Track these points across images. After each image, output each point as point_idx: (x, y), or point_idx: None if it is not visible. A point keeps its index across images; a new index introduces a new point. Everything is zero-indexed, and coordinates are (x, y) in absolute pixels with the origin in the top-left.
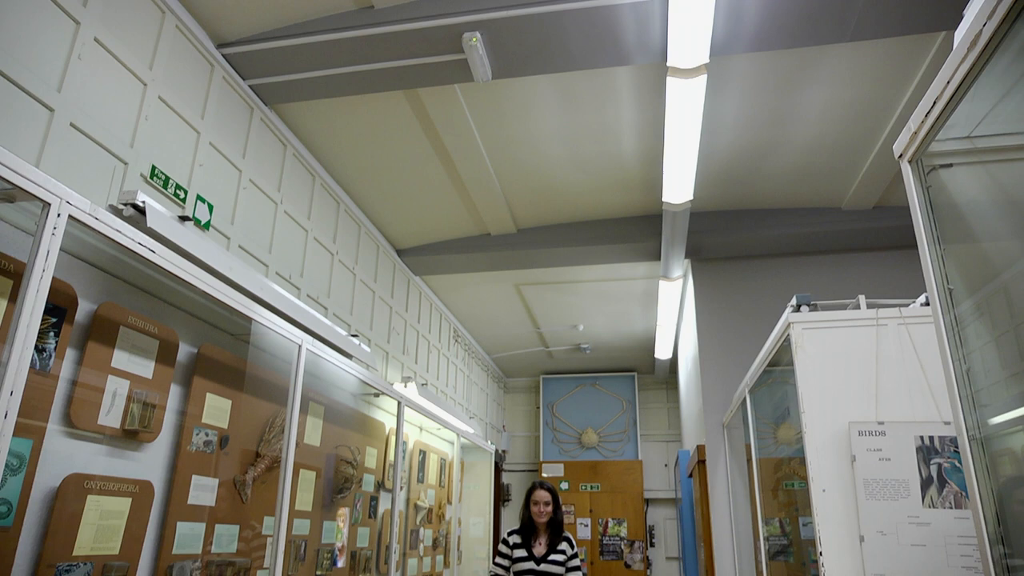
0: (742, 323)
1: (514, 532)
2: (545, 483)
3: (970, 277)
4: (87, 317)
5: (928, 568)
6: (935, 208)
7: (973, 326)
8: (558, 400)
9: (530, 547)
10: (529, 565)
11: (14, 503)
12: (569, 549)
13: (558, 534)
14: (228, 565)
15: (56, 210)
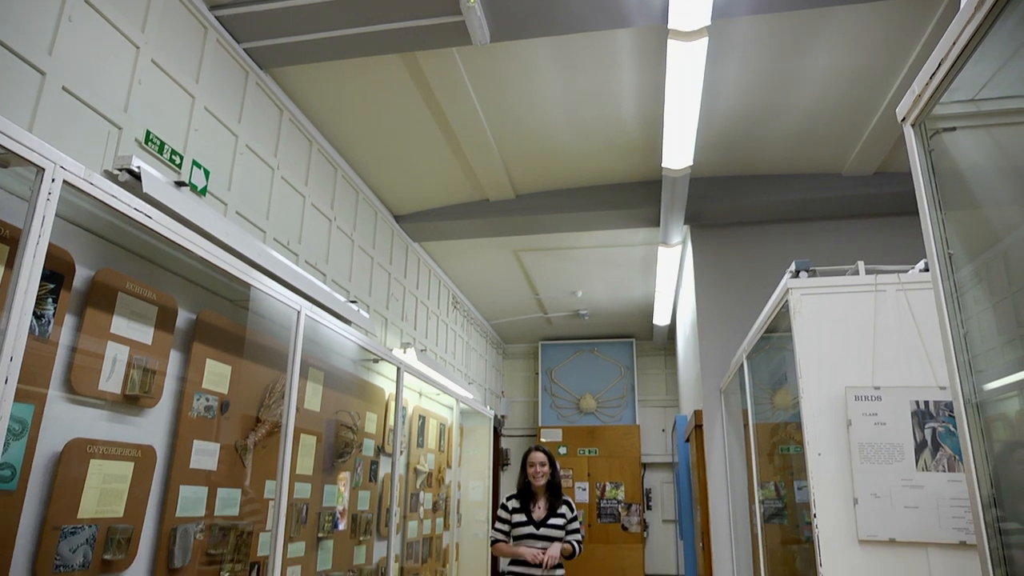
0: (741, 289)
1: (512, 497)
2: (541, 446)
3: (970, 243)
4: (85, 283)
5: (920, 529)
6: (937, 173)
7: (971, 292)
8: (557, 366)
9: (529, 511)
10: (529, 530)
11: (18, 467)
12: (569, 512)
13: (557, 497)
14: (231, 528)
15: (50, 175)
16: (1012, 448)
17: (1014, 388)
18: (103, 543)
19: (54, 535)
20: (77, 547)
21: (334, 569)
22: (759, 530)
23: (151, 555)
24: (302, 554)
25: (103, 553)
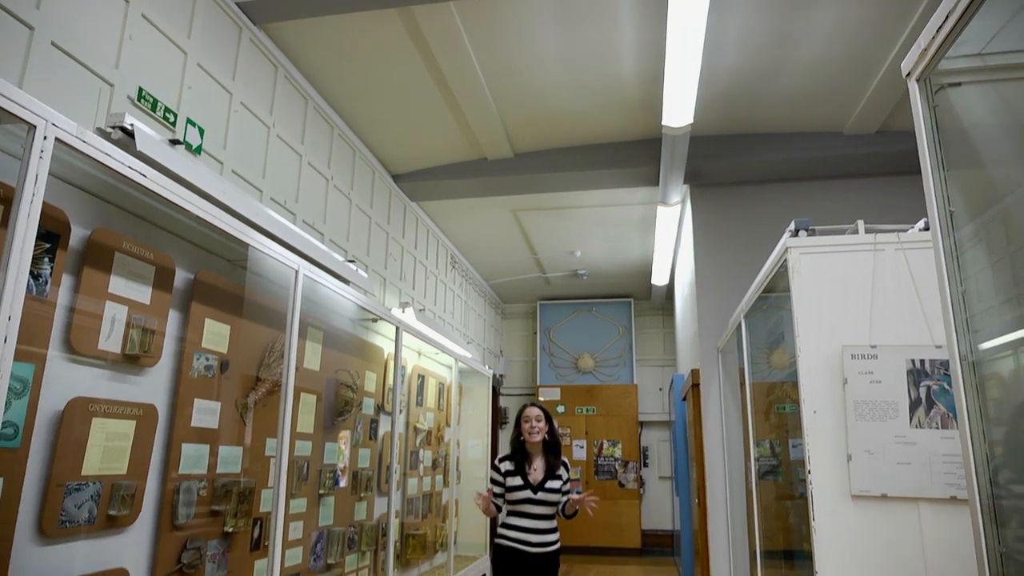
0: (739, 249)
1: (504, 459)
2: (537, 403)
3: (971, 201)
4: (81, 243)
5: (911, 484)
6: (940, 130)
7: (970, 252)
8: (555, 325)
9: (524, 473)
10: (525, 494)
11: (20, 425)
12: (566, 473)
13: (556, 456)
14: (233, 484)
15: (42, 132)
16: (1005, 406)
17: (1009, 347)
18: (107, 499)
19: (59, 492)
20: (82, 503)
21: (335, 524)
22: (754, 487)
23: (155, 511)
24: (304, 510)
25: (107, 509)
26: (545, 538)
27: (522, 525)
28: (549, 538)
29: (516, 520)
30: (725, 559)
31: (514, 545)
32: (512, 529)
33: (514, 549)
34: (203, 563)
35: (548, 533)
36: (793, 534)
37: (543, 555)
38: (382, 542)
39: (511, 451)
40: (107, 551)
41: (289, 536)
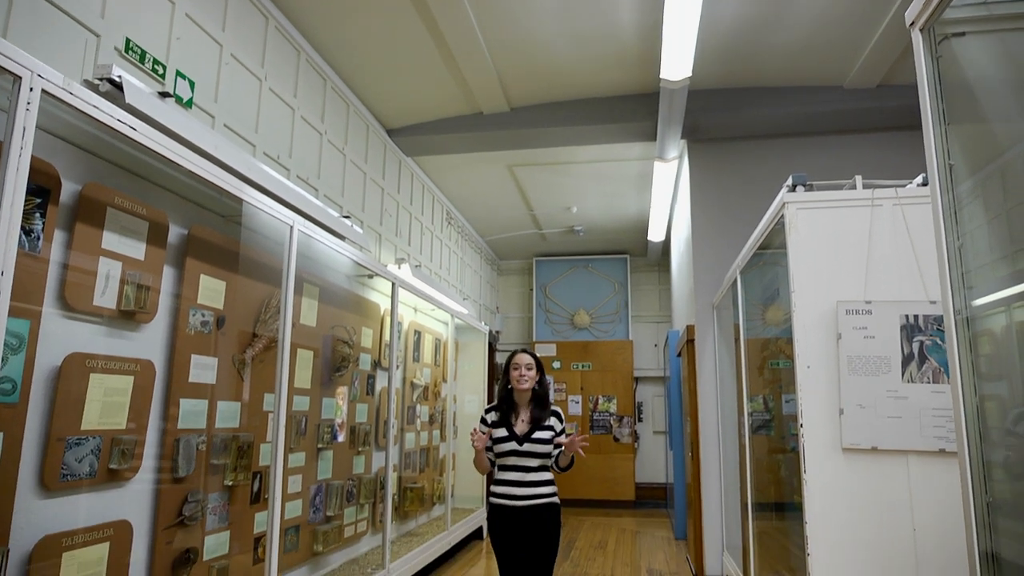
0: (736, 205)
1: (491, 409)
2: (526, 349)
3: (971, 156)
4: (72, 198)
5: (901, 436)
6: (943, 81)
7: (967, 208)
8: (551, 282)
9: (510, 425)
10: (510, 446)
11: (18, 381)
12: (558, 424)
13: (543, 407)
14: (232, 439)
15: (28, 84)
16: (996, 361)
17: (1002, 303)
18: (108, 453)
19: (59, 446)
20: (83, 457)
21: (334, 478)
22: (747, 441)
23: (155, 465)
24: (302, 464)
25: (108, 463)
26: (534, 491)
27: (509, 479)
28: (540, 491)
29: (504, 474)
30: (717, 511)
31: (503, 502)
32: (501, 484)
33: (503, 506)
34: (204, 515)
35: (538, 486)
36: (784, 486)
37: (534, 508)
38: (380, 495)
39: (498, 401)
40: (109, 504)
41: (288, 489)
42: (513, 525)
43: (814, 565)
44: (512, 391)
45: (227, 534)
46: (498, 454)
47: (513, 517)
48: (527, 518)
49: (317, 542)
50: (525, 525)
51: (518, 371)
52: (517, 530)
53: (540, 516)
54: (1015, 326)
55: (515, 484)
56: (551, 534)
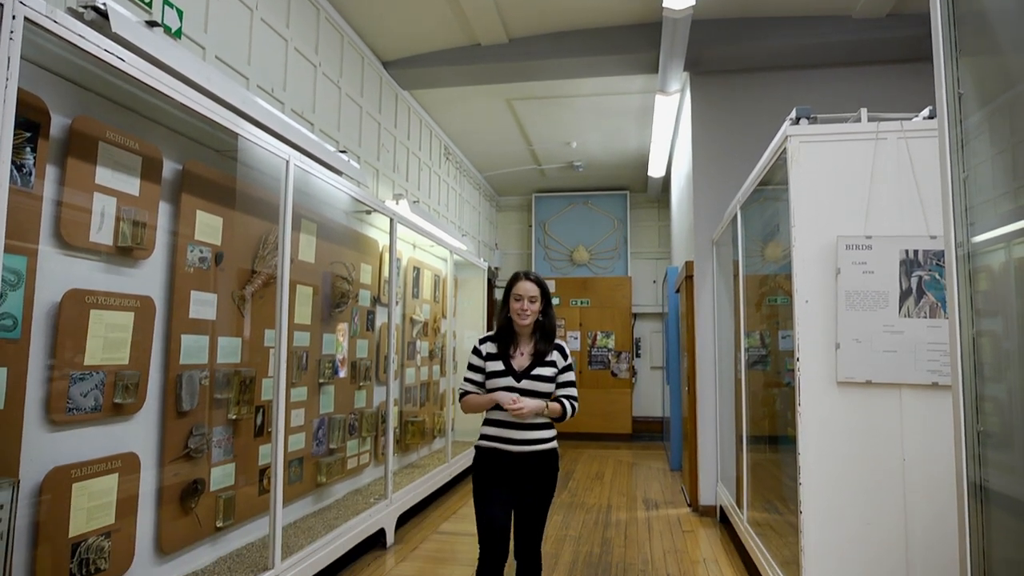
0: (739, 140)
1: (487, 339)
2: (531, 273)
3: (981, 86)
4: (62, 132)
5: (895, 370)
6: (956, 8)
7: (971, 144)
8: (550, 218)
9: (508, 358)
10: (507, 382)
11: (19, 317)
12: (561, 359)
13: (547, 341)
14: (234, 374)
15: (10, 11)
16: (993, 298)
17: (1003, 240)
18: (112, 388)
19: (63, 381)
20: (87, 392)
21: (336, 412)
22: (743, 376)
23: (159, 399)
24: (304, 398)
25: (113, 397)
26: (533, 434)
27: (504, 420)
28: (539, 435)
29: (497, 414)
30: (712, 444)
31: (495, 446)
32: (492, 426)
33: (495, 451)
34: (209, 448)
35: (538, 429)
36: (779, 420)
37: (530, 455)
38: (382, 428)
39: (496, 331)
40: (116, 437)
41: (291, 423)
42: (506, 474)
43: (805, 494)
44: (512, 320)
45: (232, 466)
46: (491, 390)
47: (507, 465)
48: (523, 467)
49: (321, 474)
50: (520, 475)
51: (520, 303)
52: (510, 481)
53: (538, 465)
54: (1014, 263)
55: (511, 426)
56: (549, 486)
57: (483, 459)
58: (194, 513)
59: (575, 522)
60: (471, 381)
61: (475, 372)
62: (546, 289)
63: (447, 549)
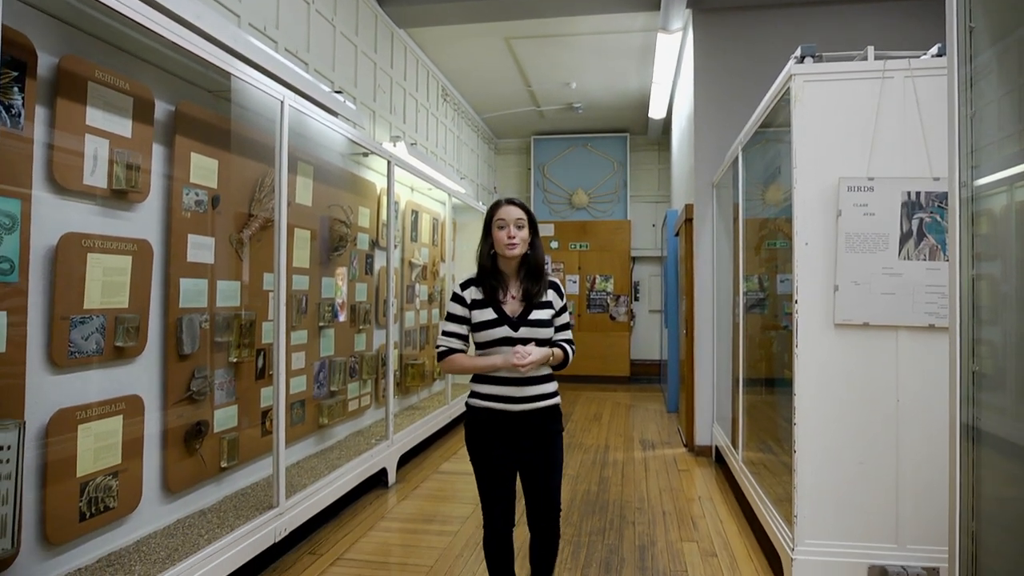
0: (742, 80)
1: (470, 284)
2: (514, 198)
3: (992, 21)
4: (50, 71)
5: (893, 313)
6: None
7: (979, 85)
8: (549, 161)
9: (498, 304)
10: (502, 332)
11: (15, 261)
12: (558, 299)
13: (536, 279)
14: (234, 317)
15: None
16: (992, 241)
17: (1005, 183)
18: (112, 331)
19: (64, 324)
20: (88, 335)
21: (336, 355)
22: (740, 319)
23: (160, 342)
24: (304, 342)
25: (114, 341)
26: (535, 389)
27: (500, 376)
28: (542, 389)
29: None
30: (709, 386)
31: (490, 405)
32: (487, 382)
33: (492, 412)
34: (212, 391)
35: (539, 383)
36: (775, 363)
37: (535, 413)
38: (382, 371)
39: (478, 273)
40: (119, 380)
41: (292, 366)
42: (506, 436)
43: (800, 435)
44: (497, 258)
45: (235, 408)
46: (483, 344)
47: (506, 426)
48: (526, 427)
49: (322, 415)
50: (522, 436)
51: (505, 230)
52: (511, 443)
53: (543, 423)
54: (1015, 206)
55: (509, 382)
56: (556, 446)
57: (478, 421)
58: (199, 454)
59: (573, 462)
60: (454, 335)
61: (458, 323)
62: (533, 216)
63: (448, 488)
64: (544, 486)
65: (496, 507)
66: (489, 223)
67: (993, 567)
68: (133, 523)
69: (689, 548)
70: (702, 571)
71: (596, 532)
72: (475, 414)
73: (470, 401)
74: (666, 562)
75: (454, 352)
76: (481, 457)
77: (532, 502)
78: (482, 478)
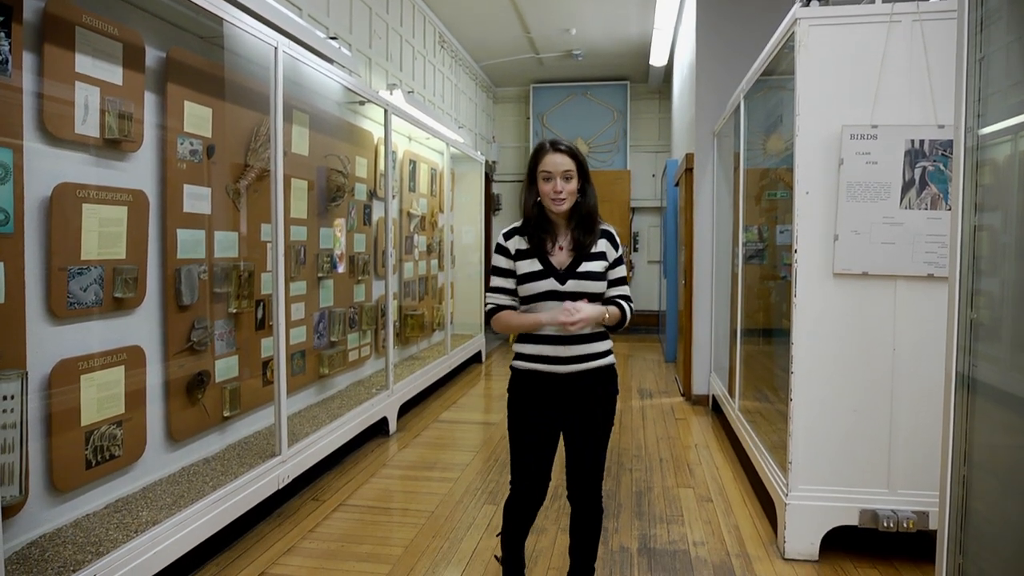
0: (745, 26)
1: (514, 233)
2: (561, 142)
3: None
4: (36, 16)
5: (892, 262)
6: None
7: (987, 31)
8: (548, 110)
9: (545, 255)
10: (548, 285)
11: (10, 211)
12: (612, 250)
13: (589, 229)
14: (233, 268)
15: None
16: (993, 191)
17: (1010, 132)
18: (111, 282)
19: (62, 275)
20: (87, 286)
21: (336, 306)
22: (739, 269)
23: (159, 293)
24: (304, 292)
25: (113, 292)
26: (586, 348)
27: (548, 333)
28: (594, 348)
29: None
30: (707, 336)
31: (536, 367)
32: (532, 342)
33: (538, 373)
34: (212, 341)
35: (592, 341)
36: (773, 313)
37: (585, 374)
38: (382, 322)
39: (523, 222)
40: (119, 330)
41: (292, 317)
42: (553, 401)
43: (796, 383)
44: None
45: (236, 359)
46: (527, 298)
47: (554, 389)
48: (575, 390)
49: (323, 365)
50: (571, 401)
51: (551, 184)
52: (558, 408)
53: (595, 386)
54: (1019, 155)
55: (558, 341)
56: (608, 412)
57: (522, 384)
58: (201, 404)
59: None
60: (502, 290)
61: (504, 278)
62: (583, 160)
63: (448, 436)
64: (590, 454)
65: (529, 480)
66: (533, 171)
67: (980, 510)
68: (139, 471)
69: (685, 494)
70: (698, 516)
71: None
72: (519, 376)
73: (514, 364)
74: (662, 507)
75: (502, 308)
76: (522, 423)
77: (573, 472)
78: (517, 445)
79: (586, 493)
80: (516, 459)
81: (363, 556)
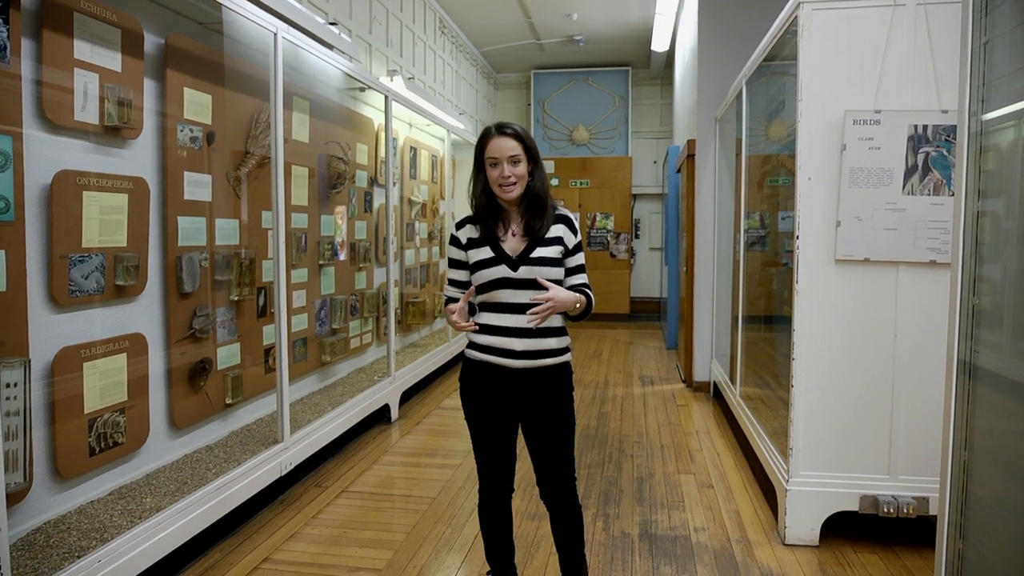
0: (748, 10)
1: (465, 222)
2: (507, 125)
3: None
4: (34, 2)
5: (894, 248)
6: None
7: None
8: (549, 96)
9: (496, 242)
10: (500, 272)
11: (11, 199)
12: (571, 236)
13: (539, 212)
14: (234, 256)
15: None
16: (996, 177)
17: (1014, 117)
18: (112, 270)
19: (63, 263)
20: (88, 274)
21: (337, 293)
22: (741, 256)
23: (161, 281)
24: (305, 280)
25: (114, 279)
26: (542, 343)
27: (500, 324)
28: (550, 343)
29: (491, 318)
30: (708, 322)
31: (488, 359)
32: (486, 332)
33: (488, 365)
34: (214, 329)
35: (548, 336)
36: (775, 300)
37: (537, 372)
38: (383, 309)
39: (473, 210)
40: (121, 318)
41: (293, 304)
42: (505, 395)
43: (798, 369)
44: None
45: (238, 346)
46: (482, 286)
47: (504, 382)
48: (528, 386)
49: (325, 353)
50: (524, 397)
51: (498, 170)
52: (511, 402)
53: (547, 385)
54: (1022, 141)
55: (509, 332)
56: (564, 411)
57: (473, 375)
58: (203, 391)
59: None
60: (455, 283)
61: (458, 269)
62: (531, 142)
63: (449, 423)
64: (551, 455)
65: (491, 472)
66: (480, 157)
67: (981, 496)
68: (142, 458)
69: (686, 480)
70: (699, 501)
71: (595, 465)
72: (471, 367)
73: (467, 352)
74: (663, 493)
75: (452, 301)
76: (475, 416)
77: (540, 472)
78: (476, 439)
79: (556, 494)
80: (478, 453)
81: (366, 542)
